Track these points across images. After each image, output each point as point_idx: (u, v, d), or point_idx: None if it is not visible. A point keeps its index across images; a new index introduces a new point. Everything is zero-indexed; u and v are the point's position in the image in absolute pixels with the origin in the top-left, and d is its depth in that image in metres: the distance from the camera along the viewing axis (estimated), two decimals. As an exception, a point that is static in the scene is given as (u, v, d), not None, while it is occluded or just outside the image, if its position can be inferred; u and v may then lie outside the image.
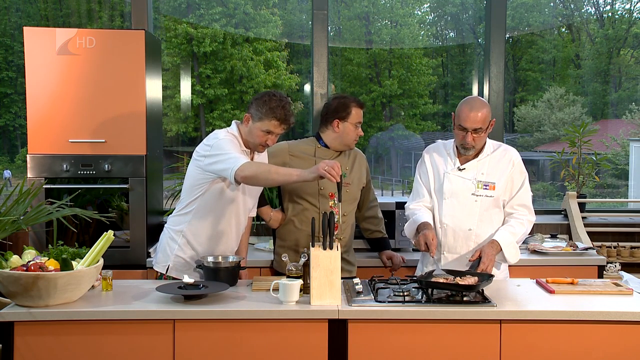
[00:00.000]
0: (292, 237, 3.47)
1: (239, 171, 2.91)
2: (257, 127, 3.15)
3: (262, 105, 3.13)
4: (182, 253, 3.28)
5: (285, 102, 3.16)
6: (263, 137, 3.16)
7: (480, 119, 3.09)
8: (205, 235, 3.25)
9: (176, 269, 3.28)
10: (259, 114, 3.14)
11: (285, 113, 3.14)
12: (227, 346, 2.70)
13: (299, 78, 8.66)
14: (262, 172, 2.94)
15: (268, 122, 3.13)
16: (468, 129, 3.10)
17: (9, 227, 2.91)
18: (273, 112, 3.12)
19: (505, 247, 3.10)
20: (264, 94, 3.18)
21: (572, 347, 2.72)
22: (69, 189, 3.83)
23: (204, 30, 8.23)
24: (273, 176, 2.93)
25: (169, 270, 3.29)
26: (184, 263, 3.29)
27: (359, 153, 3.61)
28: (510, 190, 3.22)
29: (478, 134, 3.12)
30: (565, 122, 9.08)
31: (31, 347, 2.66)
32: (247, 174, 2.90)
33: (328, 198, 3.35)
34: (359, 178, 3.54)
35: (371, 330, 2.71)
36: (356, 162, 3.55)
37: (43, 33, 3.83)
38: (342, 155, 3.51)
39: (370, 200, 3.68)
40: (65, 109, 3.84)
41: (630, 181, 8.03)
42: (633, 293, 2.98)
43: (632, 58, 9.75)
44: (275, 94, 3.17)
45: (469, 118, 3.09)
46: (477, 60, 7.80)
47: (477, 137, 3.13)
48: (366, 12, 9.41)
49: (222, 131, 3.22)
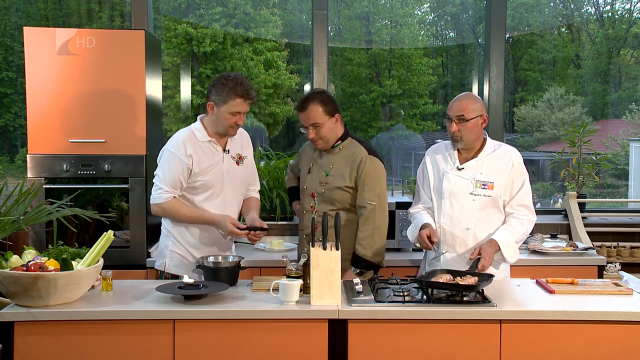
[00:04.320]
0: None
1: (153, 206, 3.27)
2: (223, 111, 3.18)
3: (222, 89, 3.17)
4: (176, 248, 3.32)
5: (241, 78, 3.19)
6: (232, 119, 3.19)
7: (462, 107, 3.15)
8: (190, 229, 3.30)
9: (174, 265, 3.32)
10: (222, 98, 3.17)
11: (245, 88, 3.17)
12: (227, 346, 2.70)
13: (299, 78, 8.66)
14: (171, 215, 3.28)
15: (233, 103, 3.16)
16: (452, 118, 3.16)
17: (9, 227, 2.91)
18: (234, 92, 3.15)
19: (503, 246, 3.11)
20: (218, 79, 3.22)
21: (572, 347, 2.72)
22: (69, 189, 3.83)
23: (204, 30, 8.23)
24: (184, 218, 3.27)
25: (167, 267, 3.32)
26: (179, 259, 3.32)
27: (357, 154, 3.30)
28: (511, 190, 3.22)
29: (462, 125, 3.15)
30: (565, 122, 9.08)
31: (31, 347, 2.66)
32: (156, 212, 3.29)
33: (310, 197, 3.39)
34: (340, 180, 3.30)
35: (371, 330, 2.71)
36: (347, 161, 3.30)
37: (43, 33, 3.83)
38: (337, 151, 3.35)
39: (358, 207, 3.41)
40: (65, 109, 3.84)
41: (630, 181, 8.03)
42: (633, 293, 2.97)
43: (632, 58, 9.75)
44: (230, 75, 3.20)
45: (452, 106, 3.19)
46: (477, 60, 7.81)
47: (462, 128, 3.16)
48: (366, 12, 9.42)
49: (179, 135, 3.27)
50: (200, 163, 3.22)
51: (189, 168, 3.20)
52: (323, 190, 3.34)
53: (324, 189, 3.34)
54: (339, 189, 3.31)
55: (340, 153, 3.35)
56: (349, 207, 3.34)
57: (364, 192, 3.29)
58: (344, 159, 3.33)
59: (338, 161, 3.34)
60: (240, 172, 3.37)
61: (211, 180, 3.25)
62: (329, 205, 3.33)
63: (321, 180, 3.35)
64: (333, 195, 3.32)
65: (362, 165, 3.29)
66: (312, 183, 3.38)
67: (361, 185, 3.29)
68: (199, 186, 3.24)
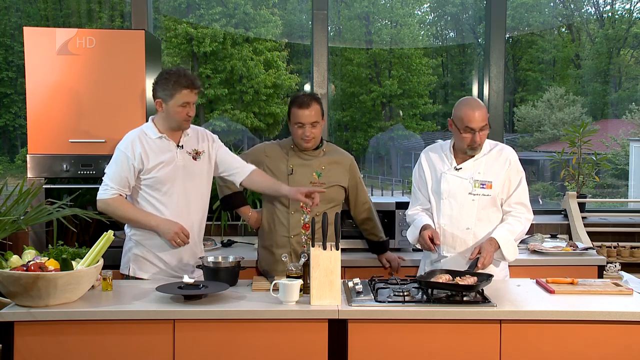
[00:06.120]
0: (267, 237, 3.48)
1: (99, 202, 3.19)
2: (172, 105, 3.17)
3: (166, 84, 3.16)
4: (138, 251, 3.27)
5: (182, 70, 3.19)
6: (183, 112, 3.18)
7: (484, 117, 3.17)
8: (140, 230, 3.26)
9: (138, 269, 3.27)
10: (168, 92, 3.16)
11: (189, 78, 3.16)
12: (227, 346, 2.70)
13: (299, 78, 8.66)
14: (115, 213, 3.19)
15: (180, 95, 3.15)
16: (475, 129, 3.13)
17: (9, 227, 2.92)
18: (179, 84, 3.14)
19: (503, 244, 3.12)
20: (160, 75, 3.22)
21: (572, 347, 2.72)
22: (69, 189, 3.83)
23: (204, 30, 8.23)
24: (127, 219, 3.22)
25: (131, 271, 3.27)
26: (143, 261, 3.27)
27: (344, 156, 3.50)
28: (508, 188, 3.23)
29: (484, 131, 3.18)
30: (565, 122, 9.08)
31: (31, 347, 2.66)
32: (101, 208, 3.19)
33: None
34: (336, 179, 3.43)
35: (371, 330, 2.71)
36: (337, 163, 3.45)
37: (43, 33, 3.83)
38: (322, 154, 3.44)
39: (362, 203, 3.59)
40: (65, 109, 3.84)
41: (630, 181, 8.03)
42: (633, 293, 2.97)
43: (632, 58, 9.75)
44: (171, 69, 3.20)
45: (475, 118, 3.13)
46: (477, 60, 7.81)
47: (483, 135, 3.18)
48: (366, 12, 9.42)
49: (129, 134, 3.25)
50: (151, 160, 3.19)
51: (136, 166, 3.18)
52: None
53: (320, 188, 3.35)
54: (339, 186, 3.46)
55: (327, 155, 3.46)
56: (340, 204, 3.52)
57: (362, 191, 3.57)
58: (333, 160, 3.46)
59: (327, 162, 3.44)
60: (198, 167, 3.31)
61: (163, 176, 3.20)
62: (325, 204, 3.37)
63: (312, 181, 3.38)
64: (331, 193, 3.41)
65: (353, 168, 3.52)
66: (299, 184, 3.36)
67: (360, 185, 3.55)
68: (152, 183, 3.21)
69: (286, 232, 3.40)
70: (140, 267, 3.27)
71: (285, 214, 3.40)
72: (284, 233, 3.41)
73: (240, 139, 8.59)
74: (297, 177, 3.39)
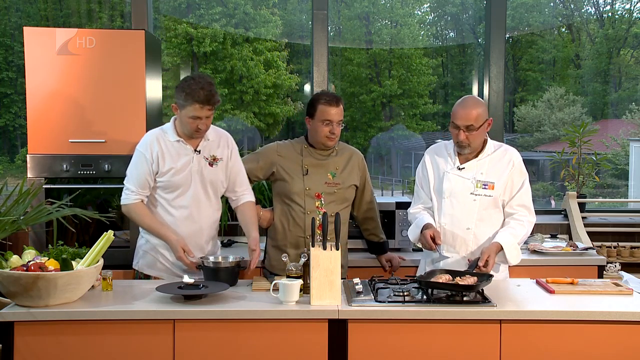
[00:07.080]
0: (280, 237, 3.45)
1: (123, 207, 3.24)
2: (183, 115, 3.11)
3: (182, 92, 3.08)
4: (148, 248, 3.30)
5: (203, 82, 3.05)
6: (193, 124, 3.11)
7: (471, 117, 3.11)
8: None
9: (146, 265, 3.30)
10: (181, 102, 3.09)
11: (205, 94, 3.03)
12: (227, 346, 2.70)
13: (299, 78, 8.67)
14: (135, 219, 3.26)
15: (191, 108, 3.06)
16: (460, 127, 3.12)
17: (9, 227, 2.91)
18: (192, 97, 3.04)
19: (507, 248, 3.10)
20: (183, 81, 3.12)
21: (572, 347, 2.72)
22: (69, 189, 3.83)
23: (204, 30, 8.24)
24: (144, 227, 3.26)
25: (140, 267, 3.30)
26: (151, 259, 3.29)
27: (355, 153, 3.52)
28: (510, 190, 3.22)
29: (470, 132, 3.13)
30: (565, 122, 9.09)
31: (31, 347, 2.66)
32: (124, 212, 3.25)
33: (314, 198, 3.36)
34: (351, 179, 3.45)
35: (371, 330, 2.71)
36: (350, 162, 3.47)
37: (43, 33, 3.83)
38: (334, 154, 3.44)
39: (367, 202, 3.60)
40: (65, 109, 3.84)
41: (630, 181, 8.04)
42: (633, 293, 2.97)
43: (632, 58, 9.76)
44: (194, 77, 3.08)
45: (460, 115, 3.13)
46: (477, 60, 7.81)
47: (470, 135, 3.14)
48: (366, 12, 9.42)
49: (148, 134, 3.25)
50: (167, 162, 3.18)
51: (155, 167, 3.18)
52: (335, 191, 3.38)
53: (335, 189, 3.38)
54: (353, 186, 3.48)
55: (340, 154, 3.45)
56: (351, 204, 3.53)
57: (368, 190, 3.57)
58: (345, 159, 3.46)
59: (341, 162, 3.44)
60: (212, 174, 3.27)
61: (177, 180, 3.19)
62: (339, 204, 3.40)
63: (327, 182, 3.37)
64: (345, 194, 3.44)
65: (362, 164, 3.52)
66: (314, 184, 3.36)
67: (367, 183, 3.55)
68: (166, 185, 3.20)
69: (302, 233, 3.37)
70: (148, 264, 3.30)
71: (302, 215, 3.36)
72: (300, 233, 3.39)
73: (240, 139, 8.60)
74: (312, 177, 3.38)
